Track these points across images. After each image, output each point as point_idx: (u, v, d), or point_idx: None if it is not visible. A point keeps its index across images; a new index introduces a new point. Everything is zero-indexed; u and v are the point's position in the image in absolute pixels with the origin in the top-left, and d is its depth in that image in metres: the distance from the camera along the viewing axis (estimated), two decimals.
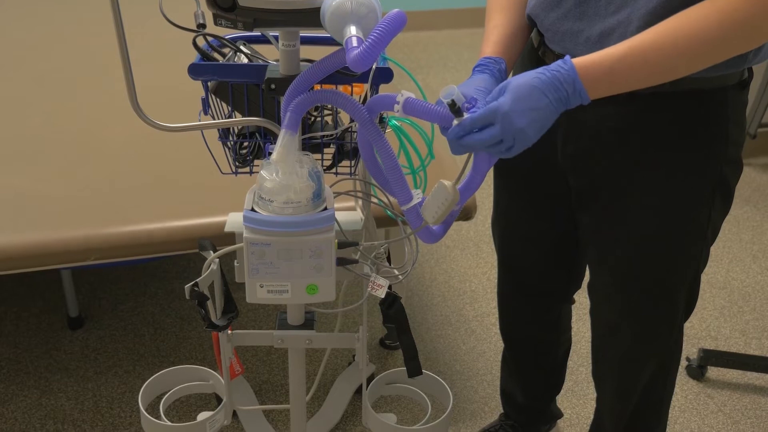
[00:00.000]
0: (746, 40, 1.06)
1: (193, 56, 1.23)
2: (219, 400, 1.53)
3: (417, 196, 1.16)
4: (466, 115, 1.07)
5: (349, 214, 1.44)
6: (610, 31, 1.17)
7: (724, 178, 1.29)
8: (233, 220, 1.42)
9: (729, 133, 1.25)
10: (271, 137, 1.27)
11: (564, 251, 1.54)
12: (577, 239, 1.46)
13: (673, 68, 1.08)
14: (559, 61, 1.07)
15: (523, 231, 1.56)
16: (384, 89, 1.23)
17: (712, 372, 2.19)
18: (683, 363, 2.20)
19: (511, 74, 1.29)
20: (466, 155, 1.14)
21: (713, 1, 1.03)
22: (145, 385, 1.50)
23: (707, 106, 1.22)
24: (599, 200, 1.33)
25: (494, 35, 1.28)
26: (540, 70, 1.07)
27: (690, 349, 2.26)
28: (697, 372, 2.16)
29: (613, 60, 1.06)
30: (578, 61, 1.07)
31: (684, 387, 2.14)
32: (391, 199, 1.25)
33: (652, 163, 1.26)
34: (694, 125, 1.23)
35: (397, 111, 1.09)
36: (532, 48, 1.35)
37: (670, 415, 2.04)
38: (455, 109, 1.07)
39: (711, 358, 2.15)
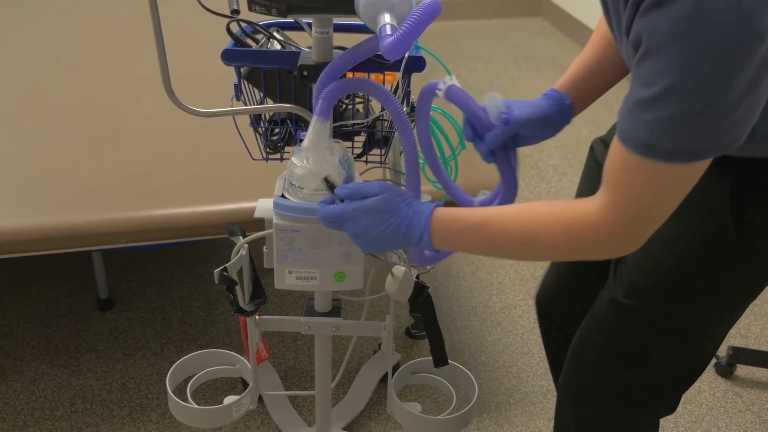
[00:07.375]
0: (583, 254, 1.02)
1: (227, 42, 1.23)
2: (245, 384, 1.54)
3: (483, 194, 1.18)
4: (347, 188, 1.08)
5: None
6: None
7: None
8: (263, 206, 1.43)
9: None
10: (302, 124, 1.28)
11: None
12: None
13: (512, 254, 1.09)
14: (425, 203, 1.05)
15: None
16: (416, 78, 1.23)
17: (741, 370, 2.16)
18: (712, 361, 2.17)
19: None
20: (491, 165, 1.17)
21: (567, 207, 1.00)
22: (172, 367, 1.52)
23: None
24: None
25: (570, 69, 1.25)
26: (413, 201, 1.06)
27: (719, 347, 2.23)
28: (726, 370, 2.13)
29: (464, 225, 1.03)
30: (439, 211, 1.04)
31: (712, 385, 2.11)
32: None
33: None
34: None
35: (440, 94, 1.10)
36: None
37: (697, 413, 2.02)
38: (329, 185, 1.10)
39: (740, 356, 2.12)
